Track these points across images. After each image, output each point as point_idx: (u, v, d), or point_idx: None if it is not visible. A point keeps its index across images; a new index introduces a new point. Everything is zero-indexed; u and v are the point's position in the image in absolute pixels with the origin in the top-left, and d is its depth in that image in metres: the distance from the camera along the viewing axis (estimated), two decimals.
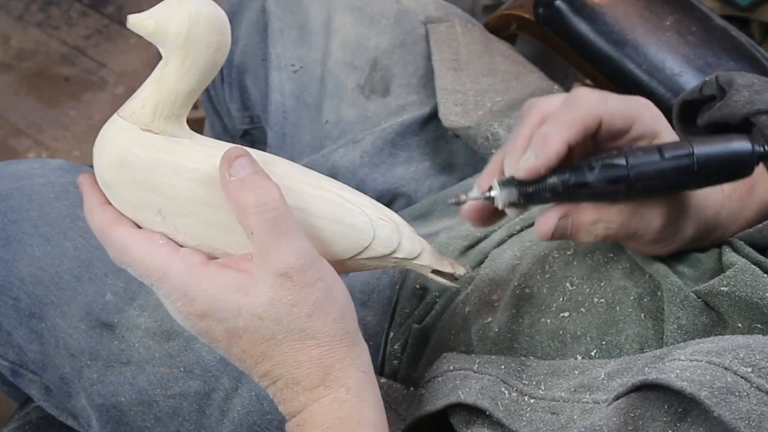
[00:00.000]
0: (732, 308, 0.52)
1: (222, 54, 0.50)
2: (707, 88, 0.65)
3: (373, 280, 0.76)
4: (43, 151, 1.75)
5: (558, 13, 0.93)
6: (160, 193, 0.51)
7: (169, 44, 0.49)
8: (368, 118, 0.87)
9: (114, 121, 0.52)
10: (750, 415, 0.42)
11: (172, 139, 0.51)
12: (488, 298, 0.65)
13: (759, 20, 1.52)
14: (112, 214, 0.52)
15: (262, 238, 0.48)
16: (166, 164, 0.50)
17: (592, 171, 0.51)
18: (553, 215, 0.52)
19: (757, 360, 0.45)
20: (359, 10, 0.90)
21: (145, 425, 0.71)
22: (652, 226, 0.53)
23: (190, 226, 0.51)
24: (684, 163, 0.50)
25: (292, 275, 0.49)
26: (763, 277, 0.53)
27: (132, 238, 0.51)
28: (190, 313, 0.50)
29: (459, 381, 0.56)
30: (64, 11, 1.99)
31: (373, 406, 0.51)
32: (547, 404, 0.53)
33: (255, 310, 0.49)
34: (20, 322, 0.73)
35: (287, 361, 0.50)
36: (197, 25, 0.49)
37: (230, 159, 0.49)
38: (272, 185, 0.49)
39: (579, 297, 0.59)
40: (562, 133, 0.50)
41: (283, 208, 0.49)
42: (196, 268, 0.50)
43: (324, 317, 0.50)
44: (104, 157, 0.51)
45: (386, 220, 0.55)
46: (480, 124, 0.79)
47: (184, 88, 0.50)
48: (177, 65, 0.50)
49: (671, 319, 0.53)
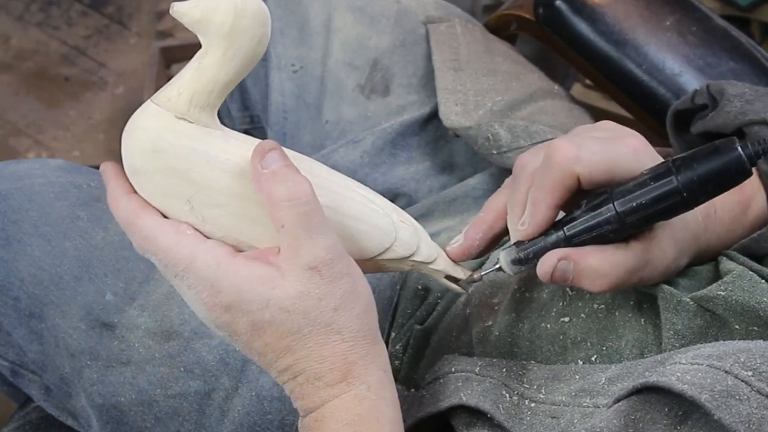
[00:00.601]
0: (728, 311, 0.52)
1: (263, 47, 0.51)
2: (699, 98, 0.65)
3: (373, 280, 0.76)
4: (43, 151, 1.75)
5: (558, 13, 0.93)
6: (192, 182, 0.51)
7: (213, 34, 0.49)
8: (368, 118, 0.87)
9: (147, 107, 0.52)
10: (750, 418, 0.42)
11: (205, 129, 0.51)
12: (489, 300, 0.66)
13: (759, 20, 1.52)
14: (138, 202, 0.52)
15: (293, 232, 0.48)
16: (199, 154, 0.50)
17: (581, 211, 0.52)
18: (553, 255, 0.52)
19: (758, 364, 0.45)
20: (359, 9, 0.90)
21: (145, 425, 0.71)
22: (657, 269, 0.53)
23: (219, 216, 0.51)
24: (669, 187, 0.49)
25: (321, 269, 0.49)
26: (761, 283, 0.53)
27: (159, 227, 0.51)
28: (215, 305, 0.50)
29: (461, 383, 0.56)
30: (64, 11, 1.99)
31: (392, 405, 0.51)
32: (548, 408, 0.53)
33: (283, 303, 0.49)
34: (20, 322, 0.73)
35: (311, 355, 0.50)
36: (243, 16, 0.49)
37: (263, 151, 0.49)
38: (304, 179, 0.49)
39: (579, 302, 0.59)
40: (546, 199, 0.52)
41: (315, 203, 0.49)
42: (224, 260, 0.50)
43: (350, 312, 0.50)
44: (136, 143, 0.51)
45: (407, 224, 0.56)
46: (480, 124, 0.79)
47: (223, 79, 0.50)
48: (219, 55, 0.50)
49: (667, 326, 0.53)
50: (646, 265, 0.53)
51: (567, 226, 0.52)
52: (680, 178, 0.49)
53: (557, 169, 0.51)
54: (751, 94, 0.61)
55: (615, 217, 0.51)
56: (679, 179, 0.49)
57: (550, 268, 0.52)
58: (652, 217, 0.51)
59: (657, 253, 0.53)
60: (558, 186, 0.51)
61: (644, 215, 0.50)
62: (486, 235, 0.57)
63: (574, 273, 0.52)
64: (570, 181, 0.51)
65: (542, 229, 0.53)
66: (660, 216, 0.51)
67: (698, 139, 0.67)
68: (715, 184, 0.49)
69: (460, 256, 0.58)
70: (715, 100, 0.63)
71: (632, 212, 0.50)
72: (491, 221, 0.57)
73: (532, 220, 0.52)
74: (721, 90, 0.62)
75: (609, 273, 0.52)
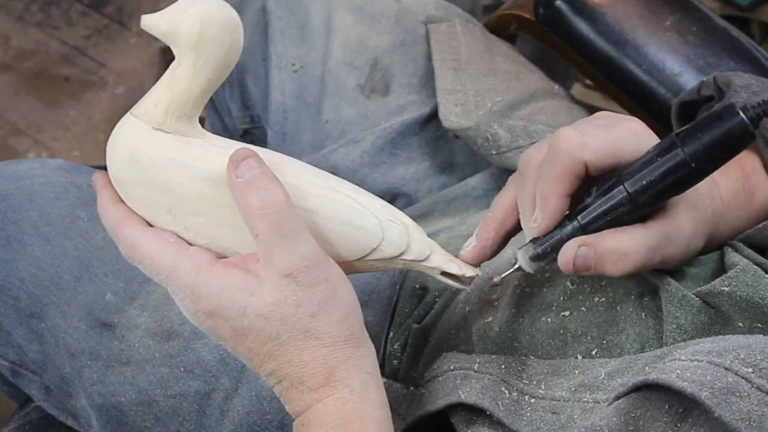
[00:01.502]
0: (733, 308, 0.52)
1: (234, 54, 0.51)
2: (705, 89, 0.65)
3: (373, 280, 0.76)
4: (43, 151, 1.75)
5: (558, 13, 0.93)
6: (170, 193, 0.51)
7: (182, 45, 0.50)
8: (368, 118, 0.87)
9: (127, 120, 0.52)
10: (751, 415, 0.42)
11: (183, 138, 0.52)
12: (488, 297, 0.66)
13: (759, 20, 1.52)
14: (124, 212, 0.53)
15: (267, 241, 0.49)
16: (176, 164, 0.51)
17: (592, 198, 0.52)
18: (572, 244, 0.52)
19: (758, 360, 0.45)
20: (360, 9, 0.90)
21: (145, 425, 0.71)
22: (680, 247, 0.53)
23: (200, 225, 0.52)
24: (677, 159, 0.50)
25: (296, 276, 0.49)
26: (764, 278, 0.53)
27: (142, 236, 0.52)
28: (198, 311, 0.51)
29: (459, 381, 0.56)
30: (64, 11, 1.99)
31: (378, 406, 0.51)
32: (548, 404, 0.53)
33: (260, 311, 0.49)
34: (20, 322, 0.73)
35: (292, 360, 0.51)
36: (209, 26, 0.49)
37: (237, 160, 0.50)
38: (277, 187, 0.49)
39: (580, 296, 0.59)
40: (555, 190, 0.51)
41: (287, 211, 0.49)
42: (203, 267, 0.50)
43: (328, 318, 0.50)
44: (117, 155, 0.52)
45: (396, 222, 0.55)
46: (479, 125, 0.79)
47: (196, 88, 0.50)
48: (189, 66, 0.50)
49: (670, 319, 0.53)
50: (667, 242, 0.53)
51: (581, 215, 0.52)
52: (686, 149, 0.49)
53: (564, 157, 0.51)
54: (758, 86, 0.61)
55: (627, 198, 0.51)
56: (685, 150, 0.49)
57: (570, 257, 0.52)
58: (663, 192, 0.51)
59: (675, 230, 0.53)
60: (566, 174, 0.51)
61: (656, 191, 0.51)
62: (498, 233, 0.57)
63: (596, 258, 0.52)
64: (578, 168, 0.51)
65: (555, 222, 0.52)
66: (672, 190, 0.51)
67: None
68: (722, 150, 0.49)
69: (476, 258, 0.58)
70: (722, 91, 0.63)
71: (644, 190, 0.50)
72: (501, 219, 0.57)
73: (543, 214, 0.52)
74: (728, 81, 0.62)
75: (630, 252, 0.51)
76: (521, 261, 0.55)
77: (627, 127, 0.53)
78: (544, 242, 0.54)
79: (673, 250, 0.53)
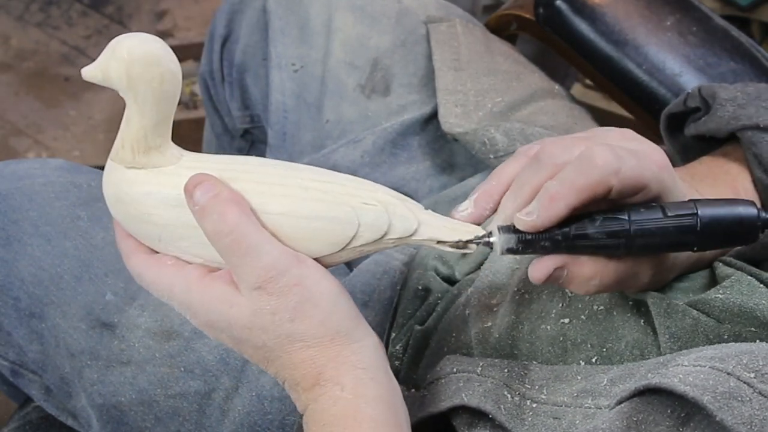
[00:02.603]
0: (725, 313, 0.52)
1: (169, 84, 0.52)
2: (691, 101, 0.65)
3: (374, 280, 0.76)
4: (43, 151, 1.75)
5: (558, 13, 0.93)
6: (154, 224, 0.54)
7: (118, 88, 0.52)
8: (369, 118, 0.87)
9: (108, 164, 0.55)
10: (752, 420, 0.42)
11: (155, 170, 0.54)
12: (488, 301, 0.65)
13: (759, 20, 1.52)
14: (129, 245, 0.56)
15: (229, 260, 0.51)
16: (152, 196, 0.53)
17: (594, 225, 0.51)
18: (551, 263, 0.51)
19: (760, 366, 0.45)
20: (360, 9, 0.90)
21: (146, 425, 0.71)
22: (641, 281, 0.54)
23: (189, 247, 0.54)
24: (687, 223, 0.50)
25: (265, 287, 0.50)
26: (759, 287, 0.53)
27: (144, 264, 0.54)
28: (199, 325, 0.53)
29: (462, 383, 0.56)
30: (64, 11, 1.99)
31: (373, 402, 0.51)
32: (550, 409, 0.53)
33: (242, 321, 0.51)
34: (20, 322, 0.73)
35: (285, 364, 0.52)
36: (132, 65, 0.50)
37: (190, 189, 0.51)
38: (229, 209, 0.50)
39: (579, 304, 0.59)
40: (569, 198, 0.49)
41: (241, 229, 0.50)
42: (194, 283, 0.52)
43: (308, 320, 0.51)
44: (107, 198, 0.56)
45: (372, 204, 0.54)
46: (477, 129, 0.79)
47: (148, 123, 0.52)
48: (132, 104, 0.52)
49: (662, 330, 0.53)
50: (634, 275, 0.53)
51: (575, 235, 0.51)
52: (699, 237, 0.51)
53: (596, 175, 0.49)
54: (743, 98, 0.61)
55: (625, 246, 0.51)
56: (698, 233, 0.50)
57: (545, 275, 0.51)
58: (655, 252, 0.53)
59: (645, 270, 0.53)
60: (588, 190, 0.49)
61: (651, 250, 0.52)
62: (497, 205, 0.55)
63: (566, 279, 0.52)
64: (602, 191, 0.49)
65: (550, 226, 0.50)
66: (665, 248, 0.53)
67: (692, 141, 0.67)
68: (727, 242, 0.52)
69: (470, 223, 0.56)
70: (708, 103, 0.63)
71: (643, 248, 0.51)
72: (503, 191, 0.55)
73: (544, 213, 0.50)
74: (713, 94, 0.62)
75: (598, 282, 0.52)
76: (497, 246, 0.52)
77: (653, 159, 0.51)
78: (528, 241, 0.51)
79: (636, 284, 0.54)
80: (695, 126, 0.64)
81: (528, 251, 0.52)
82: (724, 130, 0.60)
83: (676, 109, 0.67)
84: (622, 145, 0.51)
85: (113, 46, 0.51)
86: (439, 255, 0.75)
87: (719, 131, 0.61)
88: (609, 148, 0.49)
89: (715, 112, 0.61)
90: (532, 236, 0.51)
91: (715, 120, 0.61)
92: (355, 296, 0.75)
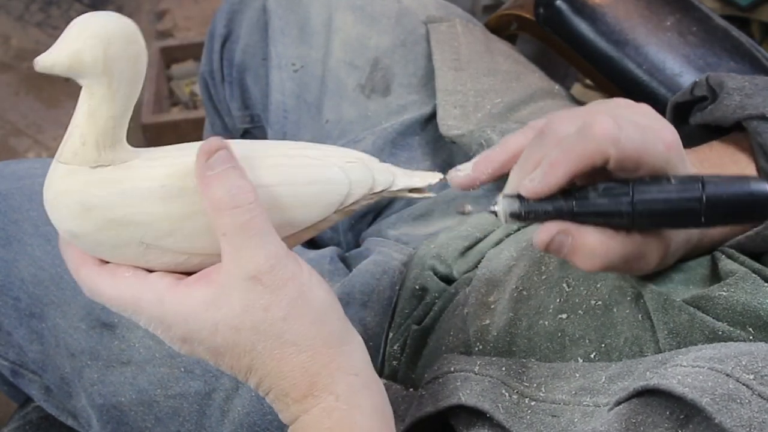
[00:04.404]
0: (727, 311, 0.52)
1: (142, 62, 0.49)
2: (698, 90, 0.64)
3: (373, 281, 0.76)
4: (43, 151, 1.75)
5: (558, 13, 0.93)
6: (136, 224, 0.49)
7: (90, 74, 0.47)
8: (369, 118, 0.87)
9: (56, 170, 0.49)
10: (751, 422, 0.42)
11: (124, 165, 0.49)
12: (485, 299, 0.65)
13: (759, 20, 1.52)
14: (75, 255, 0.52)
15: (234, 240, 0.47)
16: (130, 194, 0.49)
17: (597, 192, 0.51)
18: (554, 226, 0.51)
19: (760, 367, 0.45)
20: (360, 9, 0.91)
21: (146, 425, 0.71)
22: (649, 264, 0.53)
23: (177, 242, 0.50)
24: (692, 193, 0.49)
25: (261, 278, 0.48)
26: (764, 286, 0.52)
27: (98, 276, 0.50)
28: (172, 339, 0.50)
29: (460, 382, 0.56)
30: (64, 11, 2.00)
31: (369, 412, 0.50)
32: (548, 407, 0.53)
33: (231, 322, 0.48)
34: (20, 322, 0.73)
35: (272, 372, 0.49)
36: (111, 44, 0.46)
37: (210, 151, 0.48)
38: (248, 184, 0.48)
39: (576, 299, 0.59)
40: (567, 165, 0.50)
41: (257, 210, 0.48)
42: (167, 293, 0.49)
43: (300, 319, 0.49)
44: (63, 209, 0.49)
45: (353, 161, 0.54)
46: (474, 131, 0.79)
47: (118, 112, 0.48)
48: (104, 92, 0.47)
49: (660, 326, 0.53)
50: (641, 256, 0.52)
51: (577, 202, 0.51)
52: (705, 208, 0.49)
53: (593, 142, 0.49)
54: (751, 88, 0.61)
55: (628, 215, 0.50)
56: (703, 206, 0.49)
57: (548, 237, 0.51)
58: (661, 224, 0.51)
59: (653, 250, 0.53)
60: (586, 158, 0.50)
61: (655, 221, 0.51)
62: (495, 172, 0.56)
63: (570, 248, 0.51)
64: (600, 159, 0.50)
65: (550, 192, 0.51)
66: (668, 225, 0.51)
67: (696, 131, 0.67)
68: (736, 218, 0.50)
69: (464, 185, 0.56)
70: (715, 92, 0.63)
71: (647, 216, 0.50)
72: (504, 161, 0.55)
73: (544, 179, 0.50)
74: (721, 83, 0.62)
75: (604, 255, 0.51)
76: (500, 210, 0.53)
77: (663, 137, 0.51)
78: (531, 207, 0.52)
79: (642, 266, 0.53)
80: (701, 115, 0.64)
81: (531, 217, 0.52)
82: (730, 118, 0.60)
83: (683, 98, 0.67)
84: (630, 119, 0.51)
85: (79, 26, 0.46)
86: (438, 254, 0.75)
87: (725, 120, 0.60)
88: (611, 119, 0.50)
89: (721, 101, 0.61)
90: (537, 204, 0.52)
91: (721, 109, 0.61)
92: (355, 296, 0.75)
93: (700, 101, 0.65)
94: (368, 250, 0.81)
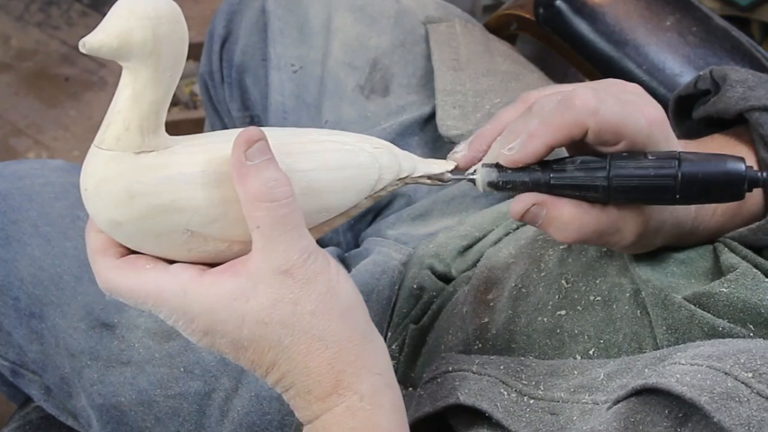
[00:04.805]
0: (727, 308, 0.52)
1: (186, 45, 0.48)
2: (702, 83, 0.64)
3: (372, 280, 0.76)
4: (43, 151, 1.75)
5: (558, 13, 0.93)
6: (181, 211, 0.48)
7: (137, 55, 0.46)
8: (368, 118, 0.87)
9: (98, 156, 0.48)
10: (750, 420, 0.42)
11: (166, 151, 0.48)
12: (484, 297, 0.65)
13: (759, 20, 1.52)
14: (98, 241, 0.51)
15: (268, 233, 0.47)
16: (175, 180, 0.48)
17: (573, 164, 0.51)
18: (529, 197, 0.52)
19: (758, 365, 0.45)
20: (359, 9, 0.91)
21: (146, 425, 0.71)
22: (625, 238, 0.53)
23: (222, 229, 0.49)
24: (667, 170, 0.49)
25: (293, 272, 0.47)
26: (764, 281, 0.53)
27: (117, 268, 0.50)
28: (194, 331, 0.49)
29: (458, 382, 0.56)
30: (64, 11, 2.00)
31: (390, 412, 0.49)
32: (547, 405, 0.53)
33: (258, 315, 0.47)
34: (20, 322, 0.73)
35: (297, 368, 0.48)
36: (160, 24, 0.45)
37: (250, 140, 0.47)
38: (284, 177, 0.47)
39: (575, 295, 0.59)
40: (546, 136, 0.51)
41: (293, 204, 0.47)
42: (191, 284, 0.48)
43: (328, 314, 0.48)
44: (107, 197, 0.48)
45: (381, 147, 0.54)
46: (473, 131, 0.79)
47: (162, 94, 0.47)
48: (151, 73, 0.46)
49: (659, 322, 0.53)
50: (615, 231, 0.53)
51: (554, 174, 0.51)
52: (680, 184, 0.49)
53: (571, 114, 0.50)
54: (754, 81, 0.61)
55: (603, 189, 0.51)
56: (678, 182, 0.49)
57: (522, 208, 0.52)
58: (636, 200, 0.52)
59: (630, 226, 0.53)
60: (564, 129, 0.50)
61: (630, 197, 0.51)
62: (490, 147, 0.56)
63: (545, 219, 0.52)
64: (578, 131, 0.50)
65: (528, 162, 0.51)
66: (643, 201, 0.52)
67: (699, 125, 0.67)
68: (711, 196, 0.50)
69: (462, 164, 0.56)
70: (718, 85, 0.63)
71: (621, 191, 0.50)
72: (497, 135, 0.55)
73: (522, 149, 0.51)
74: (724, 75, 0.62)
75: (577, 228, 0.52)
76: (479, 180, 0.54)
77: (645, 112, 0.51)
78: (509, 177, 0.52)
79: (618, 240, 0.53)
80: (704, 108, 0.63)
81: (508, 187, 0.53)
82: (733, 110, 0.60)
83: (686, 92, 0.66)
84: (615, 93, 0.52)
85: (128, 6, 0.45)
86: (436, 253, 0.75)
87: (727, 112, 0.60)
88: (592, 91, 0.50)
89: (724, 92, 0.61)
90: (514, 174, 0.52)
91: (724, 101, 0.61)
92: None
93: (703, 95, 0.65)
94: (367, 250, 0.81)
